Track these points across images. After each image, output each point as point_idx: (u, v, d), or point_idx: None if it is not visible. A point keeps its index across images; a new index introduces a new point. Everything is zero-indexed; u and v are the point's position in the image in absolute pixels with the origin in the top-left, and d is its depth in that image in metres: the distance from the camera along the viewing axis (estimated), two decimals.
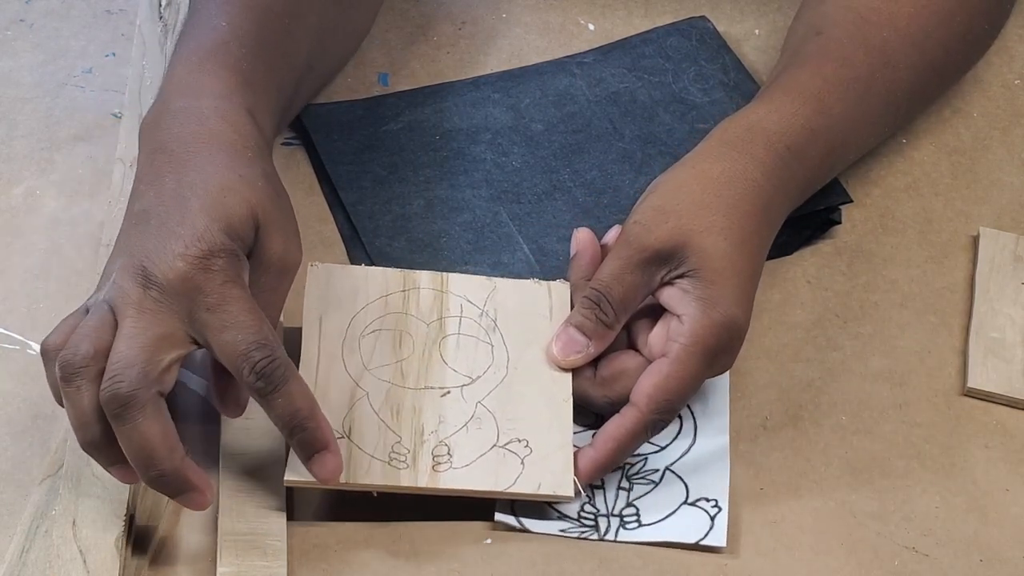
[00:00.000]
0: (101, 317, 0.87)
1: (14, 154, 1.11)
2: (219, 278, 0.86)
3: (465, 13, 1.22)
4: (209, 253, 0.86)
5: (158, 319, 0.86)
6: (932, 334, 1.03)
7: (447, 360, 0.95)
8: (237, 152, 0.91)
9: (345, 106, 1.13)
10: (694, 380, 0.92)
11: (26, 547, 0.89)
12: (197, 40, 0.97)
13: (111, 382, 0.84)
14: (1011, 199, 1.11)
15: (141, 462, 0.85)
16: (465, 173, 1.09)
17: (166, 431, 0.85)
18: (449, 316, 0.97)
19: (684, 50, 1.17)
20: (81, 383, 0.85)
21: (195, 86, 0.94)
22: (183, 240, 0.87)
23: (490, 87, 1.15)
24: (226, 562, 0.88)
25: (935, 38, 1.07)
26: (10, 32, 1.19)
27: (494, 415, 0.93)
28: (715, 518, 0.92)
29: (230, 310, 0.86)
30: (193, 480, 0.86)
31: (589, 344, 0.94)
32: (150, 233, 0.88)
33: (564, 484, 0.91)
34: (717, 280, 0.92)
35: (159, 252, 0.87)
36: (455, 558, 0.91)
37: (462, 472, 0.91)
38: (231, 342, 0.86)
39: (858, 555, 0.92)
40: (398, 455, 0.91)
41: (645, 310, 0.96)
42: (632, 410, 0.92)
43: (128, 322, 0.86)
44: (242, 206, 0.88)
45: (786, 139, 0.98)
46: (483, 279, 0.99)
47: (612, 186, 1.08)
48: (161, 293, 0.86)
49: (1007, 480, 0.96)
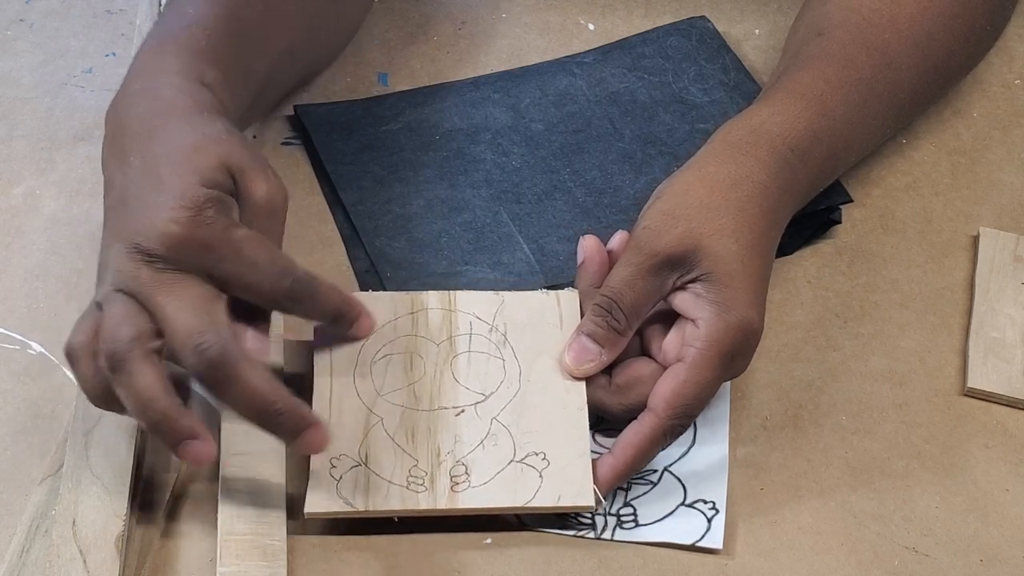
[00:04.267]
0: (123, 302, 0.86)
1: (14, 154, 1.11)
2: (218, 227, 0.87)
3: (465, 13, 1.22)
4: (196, 208, 0.86)
5: (182, 286, 0.86)
6: (932, 334, 1.03)
7: (459, 379, 0.95)
8: (194, 115, 0.91)
9: (345, 106, 1.14)
10: (712, 384, 0.92)
11: (26, 547, 0.89)
12: (162, 26, 0.98)
13: (197, 350, 0.84)
14: (1011, 199, 1.11)
15: (259, 408, 0.86)
16: (465, 173, 1.09)
17: (269, 377, 0.86)
18: (459, 335, 0.96)
19: (684, 50, 1.17)
20: (133, 367, 0.85)
21: (152, 67, 0.94)
22: (167, 206, 0.86)
23: (490, 87, 1.15)
24: (226, 562, 0.88)
25: (938, 39, 1.07)
26: (10, 32, 1.19)
27: (509, 430, 0.93)
28: (712, 520, 0.92)
29: (244, 253, 0.87)
30: (307, 418, 0.87)
31: (602, 352, 0.94)
32: (131, 213, 0.88)
33: (584, 494, 0.90)
34: (730, 283, 0.92)
35: (148, 226, 0.86)
36: (455, 559, 0.91)
37: (480, 490, 0.90)
38: (256, 282, 0.87)
39: (858, 555, 0.92)
40: (416, 479, 0.91)
41: (657, 316, 0.95)
42: (650, 416, 0.91)
43: (159, 300, 0.86)
44: (211, 158, 0.88)
45: (790, 141, 0.98)
46: (491, 294, 0.98)
47: (612, 186, 1.08)
48: (166, 262, 0.86)
49: (1007, 480, 0.96)
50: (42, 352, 0.99)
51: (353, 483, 0.90)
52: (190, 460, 0.86)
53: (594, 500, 0.91)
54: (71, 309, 1.01)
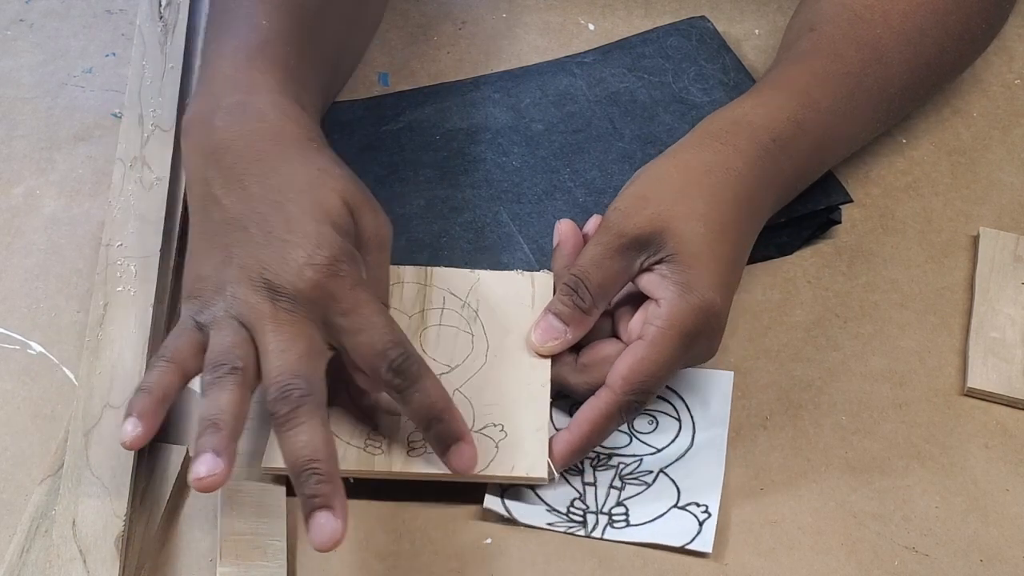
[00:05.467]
0: (235, 331, 0.87)
1: (14, 154, 1.11)
2: (348, 282, 0.88)
3: (465, 13, 1.22)
4: (334, 259, 0.88)
5: (298, 329, 0.87)
6: (932, 334, 1.03)
7: (427, 350, 0.95)
8: (304, 145, 0.92)
9: (345, 106, 1.14)
10: (669, 363, 0.92)
11: (26, 547, 0.89)
12: (239, 38, 0.97)
13: (283, 390, 0.85)
14: (1011, 199, 1.11)
15: (305, 462, 0.85)
16: (465, 173, 1.09)
17: (329, 438, 0.86)
18: (431, 308, 0.97)
19: (684, 50, 1.17)
20: (227, 381, 0.86)
21: (246, 82, 0.94)
22: (303, 248, 0.87)
23: (490, 87, 1.15)
24: (226, 562, 0.88)
25: (930, 36, 1.07)
26: (10, 32, 1.19)
27: (471, 401, 0.93)
28: (703, 524, 0.92)
29: (363, 312, 0.88)
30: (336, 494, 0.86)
31: (567, 330, 0.94)
32: (256, 242, 0.88)
33: (538, 466, 0.91)
34: (695, 265, 0.92)
35: (280, 262, 0.87)
36: (455, 558, 0.91)
37: (435, 456, 0.91)
38: (367, 343, 0.88)
39: (858, 555, 0.92)
40: (374, 442, 0.91)
41: (628, 299, 0.96)
42: (607, 392, 0.92)
43: (270, 336, 0.87)
44: (335, 199, 0.90)
45: (771, 132, 0.99)
46: (467, 272, 0.99)
47: (612, 186, 1.08)
48: (292, 303, 0.87)
49: (1007, 480, 0.96)
50: (42, 352, 0.99)
51: None
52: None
53: (547, 473, 0.91)
54: (71, 309, 1.01)
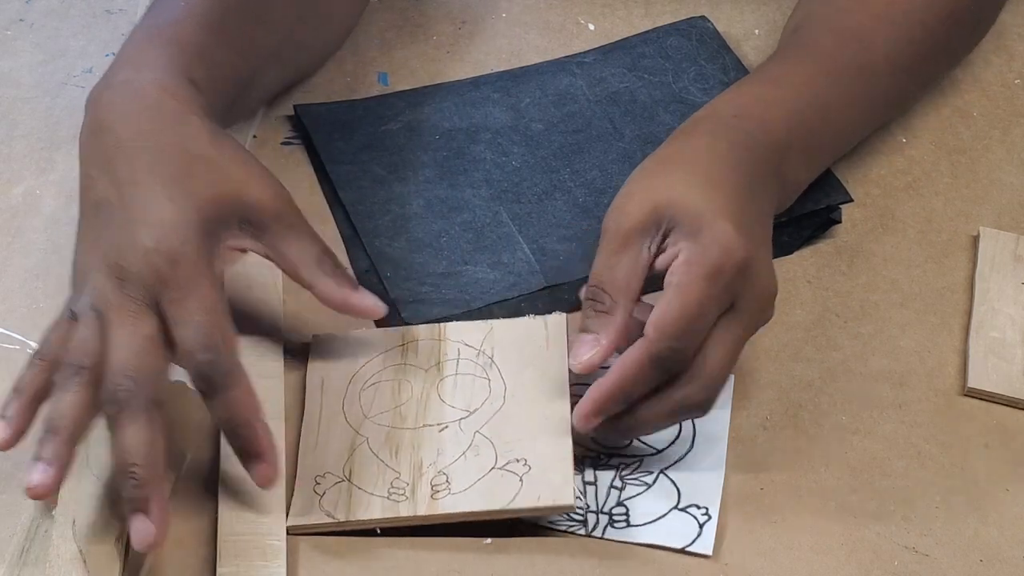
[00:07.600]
0: (90, 325, 0.87)
1: (14, 154, 1.11)
2: (189, 271, 0.87)
3: (465, 13, 1.22)
4: (180, 243, 0.87)
5: (140, 320, 0.86)
6: (932, 334, 1.03)
7: (445, 399, 0.95)
8: (183, 121, 0.91)
9: (345, 106, 1.14)
10: (699, 305, 0.90)
11: (26, 547, 0.89)
12: (153, 19, 0.98)
13: (115, 391, 0.85)
14: (1011, 199, 1.11)
15: (123, 466, 0.85)
16: (465, 173, 1.09)
17: (153, 440, 0.85)
18: (446, 360, 0.97)
19: (684, 50, 1.17)
20: (71, 383, 0.86)
21: (138, 59, 0.94)
22: (153, 232, 0.87)
23: (490, 87, 1.15)
24: (226, 562, 0.88)
25: (914, 17, 1.08)
26: (10, 32, 1.19)
27: (492, 441, 0.93)
28: (704, 526, 0.92)
29: (188, 307, 0.87)
30: (153, 497, 0.85)
31: (598, 337, 0.92)
32: (115, 225, 0.88)
33: (564, 494, 0.90)
34: (699, 215, 0.91)
35: (130, 246, 0.87)
36: (455, 558, 0.91)
37: (460, 496, 0.90)
38: (180, 338, 0.87)
39: (858, 555, 0.92)
40: (397, 490, 0.91)
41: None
42: (640, 341, 0.90)
43: (113, 329, 0.86)
44: (204, 180, 0.89)
45: (733, 109, 1.00)
46: (480, 323, 0.99)
47: (612, 186, 1.08)
48: (137, 290, 0.87)
49: (1007, 480, 0.96)
50: None
51: (336, 497, 0.91)
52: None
53: (573, 499, 0.90)
54: None
